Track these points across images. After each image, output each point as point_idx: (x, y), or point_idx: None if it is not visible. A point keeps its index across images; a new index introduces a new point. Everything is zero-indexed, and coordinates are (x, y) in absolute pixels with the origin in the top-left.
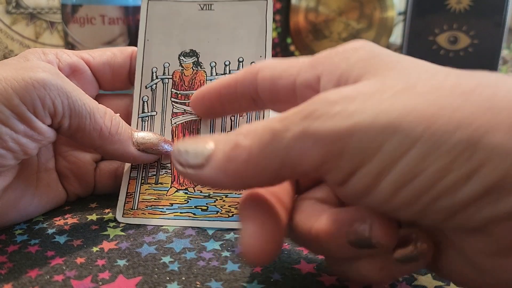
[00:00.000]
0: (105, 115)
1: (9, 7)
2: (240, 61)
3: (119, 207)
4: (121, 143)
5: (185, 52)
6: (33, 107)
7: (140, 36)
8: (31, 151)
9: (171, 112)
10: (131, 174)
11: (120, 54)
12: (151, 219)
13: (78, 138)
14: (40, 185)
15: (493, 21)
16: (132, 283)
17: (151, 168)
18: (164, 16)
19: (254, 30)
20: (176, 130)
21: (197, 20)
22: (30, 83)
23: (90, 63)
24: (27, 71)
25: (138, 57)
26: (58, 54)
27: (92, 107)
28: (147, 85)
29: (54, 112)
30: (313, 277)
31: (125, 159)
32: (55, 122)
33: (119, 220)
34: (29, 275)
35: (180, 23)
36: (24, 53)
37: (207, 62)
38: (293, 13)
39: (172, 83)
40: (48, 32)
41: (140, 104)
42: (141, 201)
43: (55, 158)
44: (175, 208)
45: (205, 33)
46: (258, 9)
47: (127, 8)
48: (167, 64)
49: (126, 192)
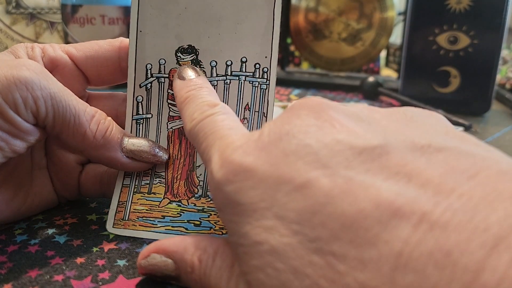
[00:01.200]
0: (92, 118)
1: (9, 7)
2: (244, 61)
3: (110, 216)
4: (106, 148)
5: (182, 48)
6: (15, 106)
7: (131, 26)
8: (19, 149)
9: (168, 116)
10: (124, 182)
11: (106, 46)
12: (142, 231)
13: (62, 139)
14: (34, 184)
15: (493, 21)
16: (132, 283)
17: (144, 176)
18: (159, 4)
19: (260, 26)
20: (173, 135)
21: (197, 10)
22: (12, 82)
23: (73, 56)
24: (11, 69)
25: (130, 51)
26: (44, 48)
27: (78, 109)
28: (141, 83)
29: (36, 111)
30: None
31: (112, 165)
32: (39, 122)
33: (109, 230)
34: (29, 275)
35: (177, 13)
36: (14, 47)
37: (207, 60)
38: (293, 13)
39: (168, 83)
40: (48, 32)
41: (134, 105)
42: (132, 211)
43: (45, 156)
44: (167, 221)
45: (205, 27)
46: (265, 2)
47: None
48: (163, 61)
49: (118, 201)
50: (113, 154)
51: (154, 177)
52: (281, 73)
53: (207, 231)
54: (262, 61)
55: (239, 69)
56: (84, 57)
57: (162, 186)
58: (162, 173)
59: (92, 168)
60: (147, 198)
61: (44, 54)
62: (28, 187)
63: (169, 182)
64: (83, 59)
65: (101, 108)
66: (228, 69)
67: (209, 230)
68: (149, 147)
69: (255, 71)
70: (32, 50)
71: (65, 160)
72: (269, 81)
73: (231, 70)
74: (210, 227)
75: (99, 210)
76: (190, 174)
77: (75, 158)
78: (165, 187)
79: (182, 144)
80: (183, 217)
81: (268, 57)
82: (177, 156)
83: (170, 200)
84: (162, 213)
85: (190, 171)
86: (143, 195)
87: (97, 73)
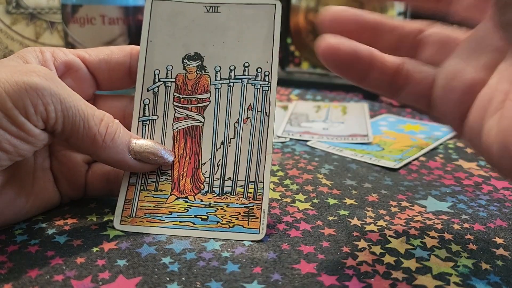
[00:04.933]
0: (100, 122)
1: (9, 7)
2: (246, 66)
3: (117, 214)
4: (115, 151)
5: (189, 55)
6: (25, 111)
7: (143, 36)
8: (25, 153)
9: (173, 117)
10: (130, 180)
11: (118, 52)
12: (149, 227)
13: (71, 143)
14: (36, 185)
15: None
16: (132, 283)
17: (150, 174)
18: (169, 17)
19: (261, 34)
20: (178, 135)
21: (203, 22)
22: (23, 88)
23: (86, 60)
24: (22, 75)
25: (140, 58)
26: (54, 52)
27: (87, 114)
28: (148, 87)
29: (46, 117)
30: (313, 277)
31: (120, 167)
32: (48, 127)
33: (117, 227)
34: (29, 275)
35: (185, 25)
36: (22, 51)
37: (211, 66)
38: (293, 13)
39: (175, 87)
40: (48, 32)
41: (141, 107)
42: (139, 208)
43: (49, 157)
44: (174, 217)
45: (211, 36)
46: (266, 14)
47: (127, 8)
48: (170, 67)
49: (125, 199)
50: (121, 156)
51: (161, 175)
52: (281, 73)
53: (214, 225)
54: (264, 66)
55: (242, 73)
56: (97, 60)
57: (168, 184)
58: (168, 171)
59: (99, 167)
60: (154, 195)
61: (55, 58)
62: (30, 188)
63: (175, 179)
64: (95, 62)
65: (108, 110)
66: (232, 73)
67: (216, 224)
68: (156, 150)
69: (257, 75)
70: (42, 54)
71: (72, 160)
72: (270, 83)
73: (235, 74)
74: (217, 221)
75: (99, 210)
76: (196, 171)
77: (83, 157)
78: (172, 184)
79: (187, 143)
80: (190, 212)
81: (269, 62)
82: (183, 155)
83: (177, 196)
84: (169, 209)
85: (195, 168)
86: (149, 192)
87: (108, 77)
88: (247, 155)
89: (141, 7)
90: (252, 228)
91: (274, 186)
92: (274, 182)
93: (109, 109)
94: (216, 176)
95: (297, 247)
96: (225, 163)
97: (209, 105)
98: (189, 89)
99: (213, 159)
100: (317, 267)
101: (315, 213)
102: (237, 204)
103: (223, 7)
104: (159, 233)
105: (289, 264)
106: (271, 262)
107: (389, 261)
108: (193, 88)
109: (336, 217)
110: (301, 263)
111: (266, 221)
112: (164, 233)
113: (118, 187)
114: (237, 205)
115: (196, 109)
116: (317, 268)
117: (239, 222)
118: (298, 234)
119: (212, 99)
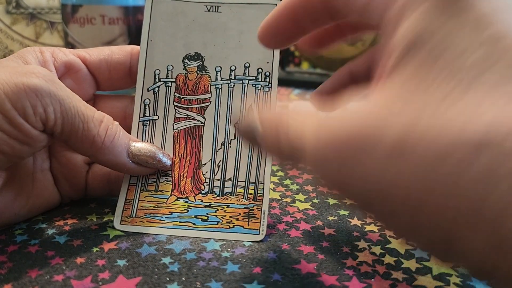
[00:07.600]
0: (100, 123)
1: (9, 7)
2: (247, 66)
3: (117, 214)
4: (114, 153)
5: (189, 55)
6: (24, 113)
7: (143, 36)
8: (24, 155)
9: (174, 117)
10: (131, 180)
11: (118, 52)
12: (150, 227)
13: (71, 145)
14: (36, 186)
15: None
16: (132, 283)
17: (151, 175)
18: (169, 17)
19: None
20: (178, 136)
21: (203, 22)
22: (22, 89)
23: (86, 60)
24: (21, 76)
25: (141, 58)
26: (54, 52)
27: (87, 115)
28: (149, 87)
29: (45, 119)
30: (313, 277)
31: (119, 169)
32: (47, 128)
33: (117, 227)
34: (29, 275)
35: (186, 25)
36: (22, 51)
37: (212, 66)
38: None
39: (175, 87)
40: (48, 32)
41: (142, 107)
42: (140, 208)
43: (49, 158)
44: (174, 217)
45: (211, 36)
46: (266, 14)
47: (127, 8)
48: (171, 67)
49: (125, 199)
50: (120, 159)
51: (161, 176)
52: (281, 73)
53: (214, 226)
54: (264, 66)
55: (243, 73)
56: (97, 60)
57: (169, 184)
58: (169, 172)
59: (99, 168)
60: (154, 195)
61: (55, 58)
62: (30, 189)
63: (176, 180)
64: (96, 62)
65: (109, 110)
66: (232, 73)
67: (216, 225)
68: (154, 153)
69: (257, 75)
70: (41, 54)
71: (73, 161)
72: (271, 84)
73: (235, 74)
74: (218, 221)
75: (99, 210)
76: (196, 172)
77: (83, 158)
78: (172, 185)
79: (187, 144)
80: (190, 213)
81: (270, 62)
82: (183, 155)
83: (177, 197)
84: (170, 210)
85: (196, 169)
86: (150, 192)
87: (109, 77)
88: (248, 156)
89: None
90: (252, 229)
91: (274, 186)
92: (274, 182)
93: (110, 110)
94: (216, 176)
95: (297, 247)
96: (225, 164)
97: (209, 105)
98: (190, 89)
99: (213, 160)
100: (317, 267)
101: (315, 213)
102: (237, 205)
103: (224, 6)
104: (159, 233)
105: (289, 264)
106: (271, 262)
107: (389, 261)
108: (194, 89)
109: (336, 217)
110: (301, 263)
111: (266, 222)
112: (164, 233)
113: (119, 188)
114: (237, 206)
115: (196, 110)
116: (317, 268)
117: (239, 223)
118: (298, 234)
119: (213, 99)
